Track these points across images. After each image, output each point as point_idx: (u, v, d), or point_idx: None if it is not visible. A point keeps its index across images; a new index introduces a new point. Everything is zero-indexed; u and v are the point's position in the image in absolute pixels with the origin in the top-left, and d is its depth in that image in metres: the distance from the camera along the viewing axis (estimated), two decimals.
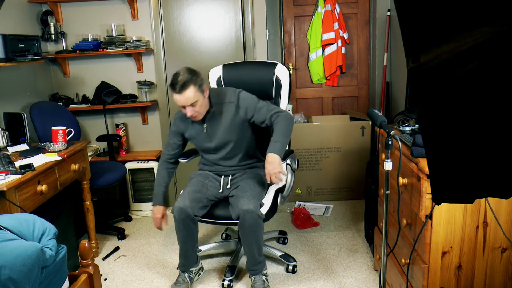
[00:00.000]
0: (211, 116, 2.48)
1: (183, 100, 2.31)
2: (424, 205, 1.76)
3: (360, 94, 4.31)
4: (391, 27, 3.86)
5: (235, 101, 2.45)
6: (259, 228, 2.37)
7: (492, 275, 1.85)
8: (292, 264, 2.73)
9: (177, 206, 2.41)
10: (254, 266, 2.50)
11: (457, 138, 0.96)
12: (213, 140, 2.51)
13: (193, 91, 2.29)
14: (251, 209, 2.31)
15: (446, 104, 0.91)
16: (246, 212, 2.31)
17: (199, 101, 2.34)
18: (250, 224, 2.33)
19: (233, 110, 2.45)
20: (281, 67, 2.76)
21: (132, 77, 3.87)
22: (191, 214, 2.40)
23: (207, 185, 2.54)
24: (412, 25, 0.86)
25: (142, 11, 3.75)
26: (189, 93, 2.29)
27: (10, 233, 1.49)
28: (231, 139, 2.50)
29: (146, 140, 4.01)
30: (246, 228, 2.35)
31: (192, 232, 2.49)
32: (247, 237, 2.39)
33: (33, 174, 2.23)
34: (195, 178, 2.60)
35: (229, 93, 2.50)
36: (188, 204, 2.40)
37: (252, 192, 2.41)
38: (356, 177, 3.80)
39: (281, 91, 2.76)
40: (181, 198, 2.44)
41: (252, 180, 2.50)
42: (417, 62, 0.87)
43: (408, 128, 2.18)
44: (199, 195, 2.47)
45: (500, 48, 0.81)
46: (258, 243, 2.43)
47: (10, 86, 3.21)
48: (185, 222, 2.42)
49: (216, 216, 2.50)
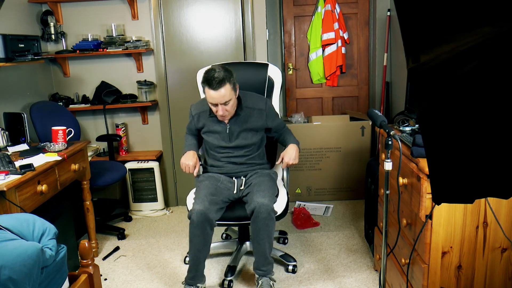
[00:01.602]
0: (236, 118, 2.49)
1: (218, 98, 2.29)
2: (424, 205, 1.76)
3: (360, 94, 4.31)
4: (391, 27, 3.86)
5: (265, 108, 2.53)
6: (272, 224, 2.32)
7: (492, 275, 1.85)
8: (292, 264, 2.73)
9: (196, 208, 2.27)
10: (263, 266, 2.41)
11: (457, 138, 0.96)
12: (233, 140, 2.52)
13: (228, 89, 2.29)
14: (266, 203, 2.27)
15: (446, 104, 0.91)
16: (262, 205, 2.26)
17: (232, 100, 2.35)
18: (264, 217, 2.27)
19: (262, 117, 2.52)
20: (273, 67, 2.83)
21: (132, 77, 3.87)
22: (210, 218, 2.29)
23: (220, 188, 2.47)
24: (412, 25, 0.86)
25: (142, 11, 3.75)
26: (225, 90, 2.27)
27: (10, 233, 1.49)
28: (252, 142, 2.54)
29: (146, 140, 4.01)
30: (259, 221, 2.28)
31: (208, 239, 2.35)
32: (259, 232, 2.31)
33: (33, 174, 2.23)
34: (206, 180, 2.49)
35: (258, 99, 2.56)
36: (208, 207, 2.29)
37: (267, 190, 2.39)
38: (356, 177, 3.80)
39: (273, 91, 2.83)
40: (199, 201, 2.31)
41: (266, 178, 2.50)
42: (417, 62, 0.87)
43: (408, 128, 2.18)
44: (215, 198, 2.37)
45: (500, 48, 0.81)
46: (270, 240, 2.36)
47: (10, 86, 3.21)
48: (203, 226, 2.29)
49: (234, 217, 2.46)
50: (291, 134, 2.68)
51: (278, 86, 2.82)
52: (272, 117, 2.59)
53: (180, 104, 3.91)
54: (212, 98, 2.31)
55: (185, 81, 3.87)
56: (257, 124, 2.53)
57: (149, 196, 3.79)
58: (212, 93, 2.29)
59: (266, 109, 2.54)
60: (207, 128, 2.54)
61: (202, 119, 2.55)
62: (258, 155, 2.62)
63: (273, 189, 2.46)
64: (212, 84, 2.26)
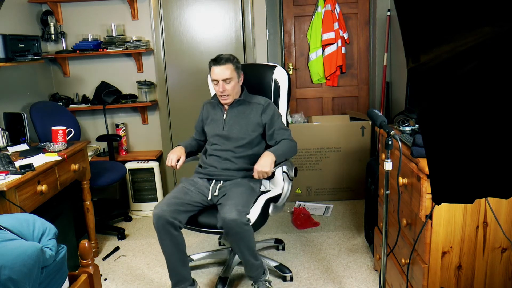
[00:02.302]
0: (235, 108, 2.57)
1: (220, 73, 2.45)
2: (424, 205, 1.76)
3: (360, 94, 4.31)
4: (391, 27, 3.86)
5: (264, 104, 2.55)
6: (247, 235, 2.26)
7: (492, 275, 1.85)
8: (288, 275, 2.63)
9: (153, 213, 2.30)
10: (252, 272, 2.40)
11: (457, 138, 0.96)
12: (226, 128, 2.55)
13: (231, 68, 2.47)
14: (234, 218, 2.19)
15: (446, 104, 0.91)
16: (230, 221, 2.19)
17: (233, 80, 2.48)
18: (236, 232, 2.22)
19: (258, 111, 2.54)
20: (280, 70, 2.69)
21: (132, 77, 3.87)
22: (170, 219, 2.26)
23: (190, 191, 2.44)
24: (412, 25, 0.86)
25: (142, 11, 3.75)
26: (228, 68, 2.46)
27: (10, 233, 1.49)
28: (242, 136, 2.52)
29: (146, 140, 4.01)
30: (232, 236, 2.25)
31: (176, 240, 2.31)
32: (237, 244, 2.29)
33: (33, 174, 2.23)
34: (181, 184, 2.51)
35: (261, 97, 2.61)
36: (166, 209, 2.28)
37: (237, 200, 2.30)
38: (356, 177, 3.80)
39: (280, 94, 2.69)
40: (158, 205, 2.33)
41: (240, 188, 2.40)
42: (417, 62, 0.87)
43: (408, 128, 2.18)
44: (178, 201, 2.35)
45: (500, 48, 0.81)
46: (250, 248, 2.31)
47: (10, 86, 3.21)
48: (166, 229, 2.28)
49: (200, 223, 2.38)
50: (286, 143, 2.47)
51: (284, 90, 2.68)
52: (269, 113, 2.52)
53: (180, 104, 3.91)
54: (215, 74, 2.48)
55: (185, 81, 3.87)
56: (253, 119, 2.52)
57: (149, 196, 3.79)
58: (216, 69, 2.47)
59: (264, 105, 2.54)
60: (210, 117, 2.65)
61: (208, 108, 2.69)
62: (247, 156, 2.52)
63: (246, 200, 2.35)
64: (217, 60, 2.47)
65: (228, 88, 2.48)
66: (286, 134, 2.52)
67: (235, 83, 2.51)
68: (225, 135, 2.55)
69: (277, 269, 2.67)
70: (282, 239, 3.09)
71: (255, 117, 2.53)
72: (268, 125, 2.53)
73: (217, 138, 2.57)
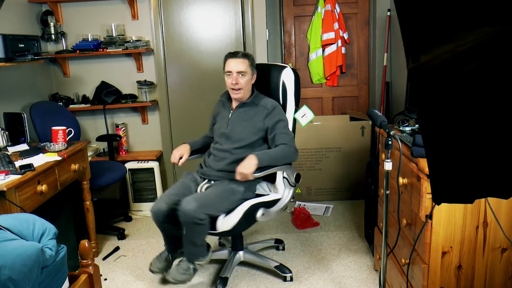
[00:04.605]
0: (241, 109, 2.57)
1: (235, 64, 2.48)
2: (424, 205, 1.76)
3: (360, 94, 4.31)
4: (391, 27, 3.86)
5: (270, 108, 2.52)
6: (197, 231, 2.28)
7: (492, 275, 1.85)
8: (288, 275, 2.62)
9: (151, 210, 2.41)
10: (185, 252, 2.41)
11: (457, 138, 0.96)
12: (229, 126, 2.56)
13: (246, 63, 2.51)
14: (189, 209, 2.22)
15: (446, 104, 0.91)
16: (185, 210, 2.22)
17: (246, 75, 2.50)
18: (186, 223, 2.25)
19: (263, 115, 2.52)
20: (288, 70, 2.62)
21: (132, 77, 3.87)
22: (167, 212, 2.36)
23: (190, 186, 2.50)
24: (412, 25, 0.86)
25: (142, 11, 3.75)
26: (243, 62, 2.50)
27: (10, 233, 1.48)
28: (244, 137, 2.52)
29: (146, 140, 4.01)
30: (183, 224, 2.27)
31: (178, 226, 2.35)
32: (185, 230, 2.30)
33: (33, 174, 2.23)
34: (183, 179, 2.59)
35: (269, 100, 2.57)
36: (164, 205, 2.37)
37: (205, 198, 2.31)
38: (356, 177, 3.80)
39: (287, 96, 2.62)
40: (157, 201, 2.42)
41: (218, 188, 2.41)
42: (417, 62, 0.87)
43: (408, 128, 2.18)
44: (176, 198, 2.39)
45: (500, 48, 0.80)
46: (193, 239, 2.33)
47: (10, 86, 3.21)
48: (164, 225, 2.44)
49: None
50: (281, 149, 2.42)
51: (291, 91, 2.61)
52: (273, 118, 2.48)
53: (180, 104, 3.91)
54: (229, 65, 2.50)
55: (185, 81, 3.87)
56: (256, 122, 2.51)
57: (149, 196, 3.79)
58: (232, 61, 2.50)
59: (270, 109, 2.51)
60: (220, 114, 2.67)
61: (220, 105, 2.72)
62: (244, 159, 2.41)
63: (216, 201, 2.33)
64: (235, 54, 2.52)
65: (241, 82, 2.49)
66: (286, 139, 2.45)
67: (248, 79, 2.53)
68: (227, 134, 2.56)
69: (277, 269, 2.66)
70: (282, 239, 3.09)
71: (258, 121, 2.52)
72: (270, 129, 2.50)
73: (220, 136, 2.60)
